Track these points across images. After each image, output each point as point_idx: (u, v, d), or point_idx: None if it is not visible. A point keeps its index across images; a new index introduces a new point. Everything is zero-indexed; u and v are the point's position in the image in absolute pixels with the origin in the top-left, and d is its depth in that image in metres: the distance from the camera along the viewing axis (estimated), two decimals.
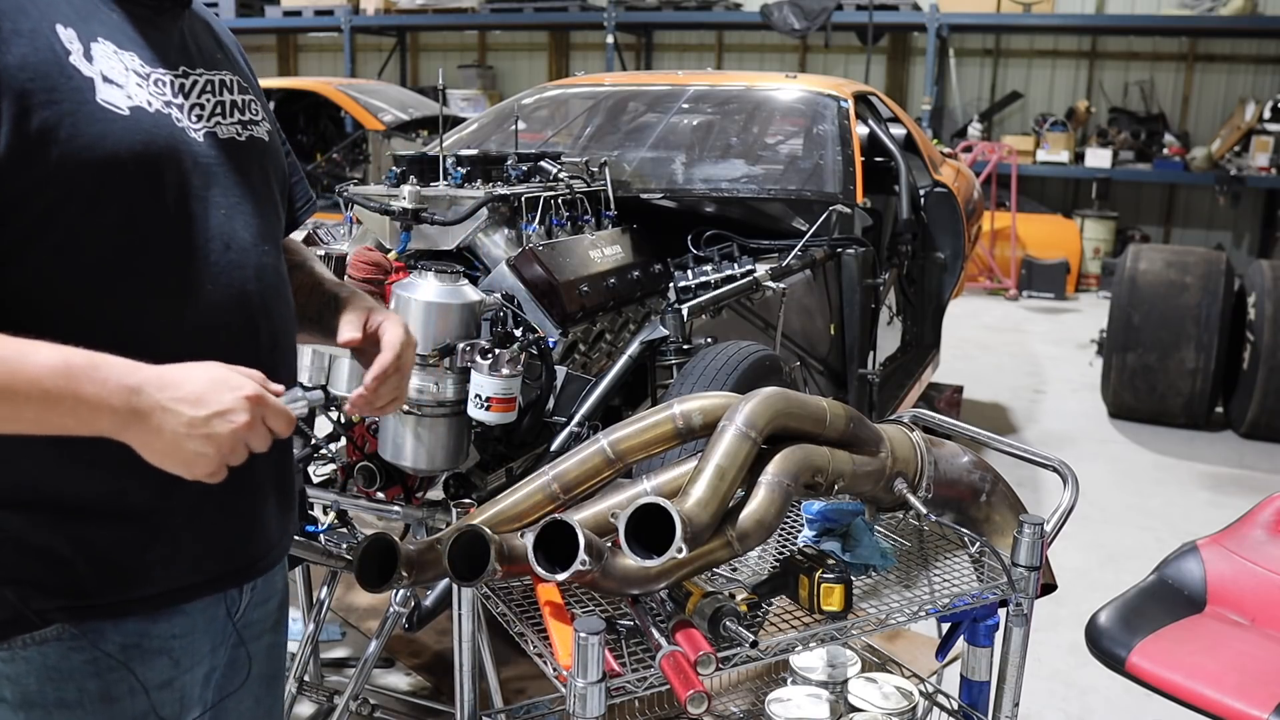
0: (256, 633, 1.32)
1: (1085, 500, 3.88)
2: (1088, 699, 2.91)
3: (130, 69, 1.08)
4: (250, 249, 1.17)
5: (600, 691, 1.23)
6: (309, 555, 2.13)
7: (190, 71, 1.17)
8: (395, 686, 2.82)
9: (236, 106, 1.22)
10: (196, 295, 1.11)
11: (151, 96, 1.09)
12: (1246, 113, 9.07)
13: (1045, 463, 1.92)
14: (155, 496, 1.10)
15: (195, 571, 1.16)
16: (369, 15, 11.21)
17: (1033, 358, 6.88)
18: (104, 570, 1.09)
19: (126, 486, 1.08)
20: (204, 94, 1.17)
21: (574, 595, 1.48)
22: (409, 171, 2.81)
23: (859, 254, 3.47)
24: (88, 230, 1.04)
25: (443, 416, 2.17)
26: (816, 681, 1.88)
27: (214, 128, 1.17)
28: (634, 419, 1.52)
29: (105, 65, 1.06)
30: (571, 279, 2.62)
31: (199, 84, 1.17)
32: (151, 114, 1.08)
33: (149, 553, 1.12)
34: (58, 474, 1.07)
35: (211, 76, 1.19)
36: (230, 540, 1.20)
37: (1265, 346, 4.92)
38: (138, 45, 1.11)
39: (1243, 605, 2.21)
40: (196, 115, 1.15)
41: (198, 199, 1.12)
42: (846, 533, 1.59)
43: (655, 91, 4.25)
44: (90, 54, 1.05)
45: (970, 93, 10.68)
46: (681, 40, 11.69)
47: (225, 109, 1.19)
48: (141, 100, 1.08)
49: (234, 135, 1.19)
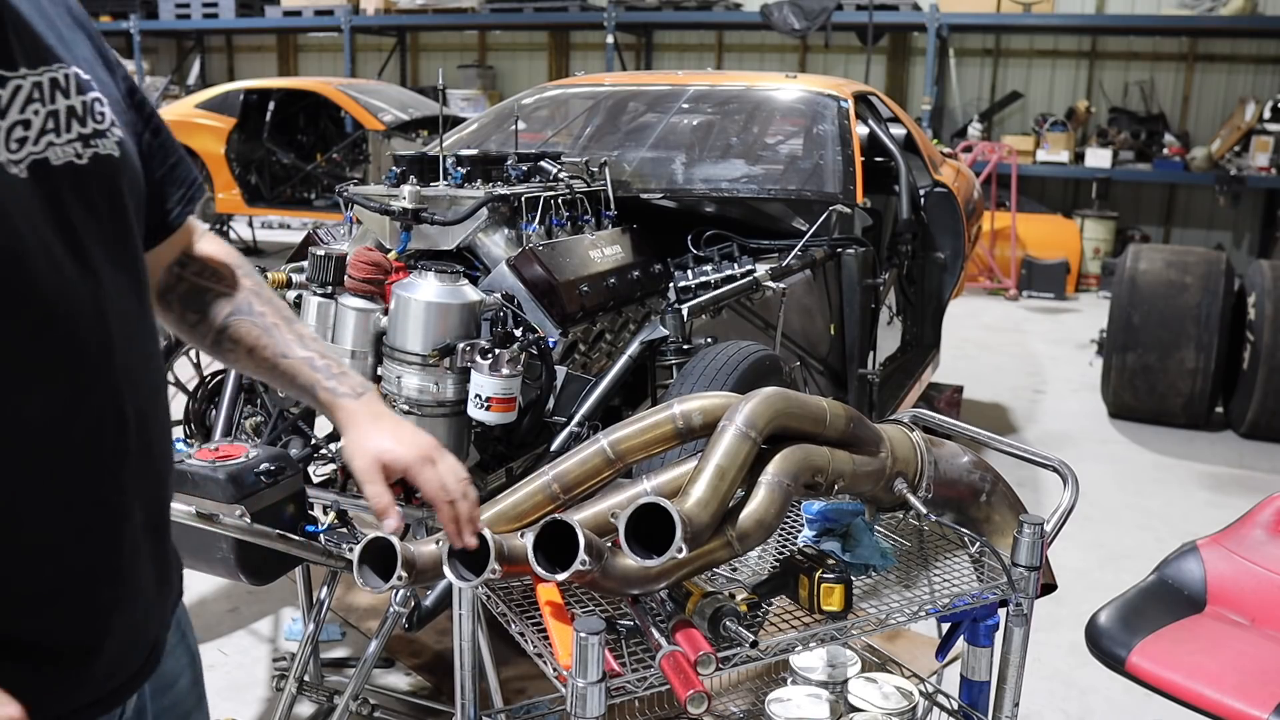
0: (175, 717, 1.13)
1: (1085, 500, 3.88)
2: (1088, 699, 2.91)
3: None
4: (108, 310, 0.93)
5: (600, 691, 1.23)
6: (309, 555, 2.13)
7: (8, 76, 0.89)
8: (395, 686, 2.82)
9: (75, 115, 0.94)
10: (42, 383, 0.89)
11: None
12: (1246, 113, 9.07)
13: (1045, 463, 1.92)
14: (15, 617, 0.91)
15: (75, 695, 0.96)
16: (369, 15, 11.21)
17: (1033, 358, 6.88)
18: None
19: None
20: (29, 105, 0.90)
21: (574, 595, 1.48)
22: (409, 171, 2.81)
23: (859, 254, 3.47)
24: None
25: (443, 416, 2.17)
26: (816, 681, 1.88)
27: (44, 153, 0.90)
28: (634, 419, 1.52)
29: None
30: (571, 279, 2.62)
31: (22, 92, 0.90)
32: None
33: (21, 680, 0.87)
34: None
35: (39, 77, 0.92)
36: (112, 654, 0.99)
37: (1265, 346, 4.92)
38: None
39: (1243, 605, 2.21)
40: (18, 141, 0.88)
41: (35, 258, 0.87)
42: (846, 533, 1.59)
43: (655, 91, 4.25)
44: None
45: (970, 93, 10.68)
46: (681, 40, 11.69)
47: (59, 121, 0.92)
48: None
49: (72, 159, 0.92)
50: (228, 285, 1.22)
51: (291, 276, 2.50)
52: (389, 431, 1.20)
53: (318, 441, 2.45)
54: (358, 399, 1.21)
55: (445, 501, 1.21)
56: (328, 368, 1.22)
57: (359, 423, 1.20)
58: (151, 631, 1.07)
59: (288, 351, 1.21)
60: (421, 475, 1.20)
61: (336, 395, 1.21)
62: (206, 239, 1.25)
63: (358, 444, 1.20)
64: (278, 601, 3.25)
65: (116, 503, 0.96)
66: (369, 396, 1.22)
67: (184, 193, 1.14)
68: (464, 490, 1.22)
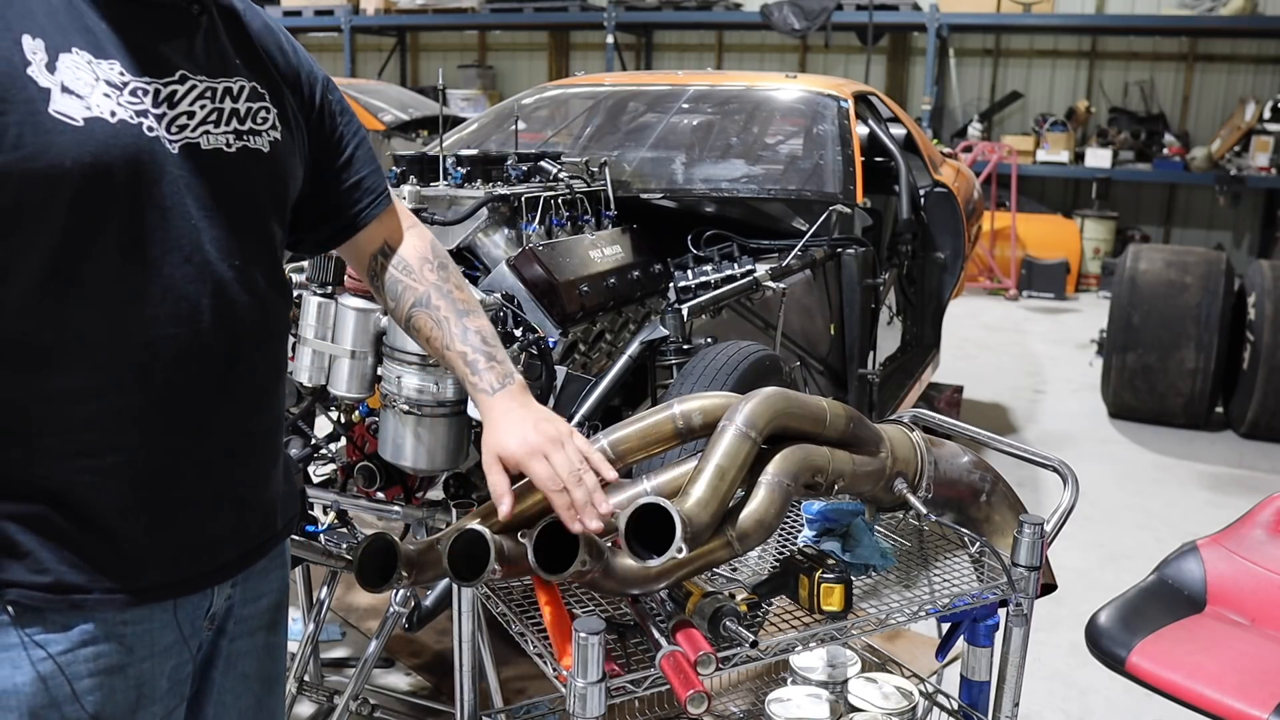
0: (247, 629, 1.31)
1: (1085, 500, 3.88)
2: (1088, 699, 2.91)
3: (103, 79, 1.07)
4: (215, 263, 1.15)
5: (600, 691, 1.23)
6: (309, 555, 2.13)
7: (189, 77, 1.14)
8: (395, 686, 2.83)
9: (237, 115, 1.19)
10: (142, 307, 1.10)
11: (120, 106, 1.08)
12: (1246, 113, 9.07)
13: (1045, 463, 1.92)
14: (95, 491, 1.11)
15: (138, 576, 1.15)
16: (369, 15, 11.21)
17: (1033, 358, 6.88)
18: (47, 557, 1.10)
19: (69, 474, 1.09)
20: (197, 102, 1.15)
21: (574, 595, 1.48)
22: (409, 171, 2.81)
23: (859, 254, 3.47)
24: (37, 238, 1.05)
25: (443, 416, 2.17)
26: (816, 681, 1.88)
27: (198, 138, 1.14)
28: (634, 419, 1.52)
29: (69, 76, 1.05)
30: (571, 279, 2.61)
31: (195, 91, 1.15)
32: (112, 124, 1.07)
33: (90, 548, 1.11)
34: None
35: (214, 84, 1.17)
36: (175, 550, 1.18)
37: (1265, 346, 4.92)
38: (124, 53, 1.09)
39: (1243, 605, 2.21)
40: (179, 125, 1.13)
41: (159, 210, 1.10)
42: (846, 533, 1.59)
43: (655, 91, 4.25)
44: (55, 64, 1.04)
45: (970, 93, 10.68)
46: (681, 40, 11.69)
47: (221, 117, 1.17)
48: (104, 111, 1.06)
49: (221, 146, 1.17)
50: (416, 279, 1.42)
51: (291, 276, 2.50)
52: (514, 426, 1.34)
53: (318, 441, 2.45)
54: (493, 395, 1.37)
55: (554, 491, 1.29)
56: (476, 363, 1.39)
57: (492, 417, 1.36)
58: (233, 546, 1.24)
59: (450, 345, 1.40)
60: (531, 469, 1.31)
61: (478, 390, 1.38)
62: (413, 233, 1.46)
63: (485, 437, 1.36)
64: None
65: (196, 420, 1.16)
66: (507, 390, 1.38)
67: (372, 199, 1.40)
68: (577, 477, 1.30)
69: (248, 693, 1.33)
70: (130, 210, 1.08)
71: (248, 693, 1.33)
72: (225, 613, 1.28)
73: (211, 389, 1.17)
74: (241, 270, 1.18)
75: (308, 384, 2.29)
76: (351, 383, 2.24)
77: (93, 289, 1.08)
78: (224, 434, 1.20)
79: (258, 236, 1.23)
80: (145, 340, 1.11)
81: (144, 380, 1.11)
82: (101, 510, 1.11)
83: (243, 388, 1.21)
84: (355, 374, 2.24)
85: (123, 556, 1.13)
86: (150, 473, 1.13)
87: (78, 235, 1.06)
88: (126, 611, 1.14)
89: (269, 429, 1.28)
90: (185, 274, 1.13)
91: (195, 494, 1.18)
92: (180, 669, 1.22)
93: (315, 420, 2.54)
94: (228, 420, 1.20)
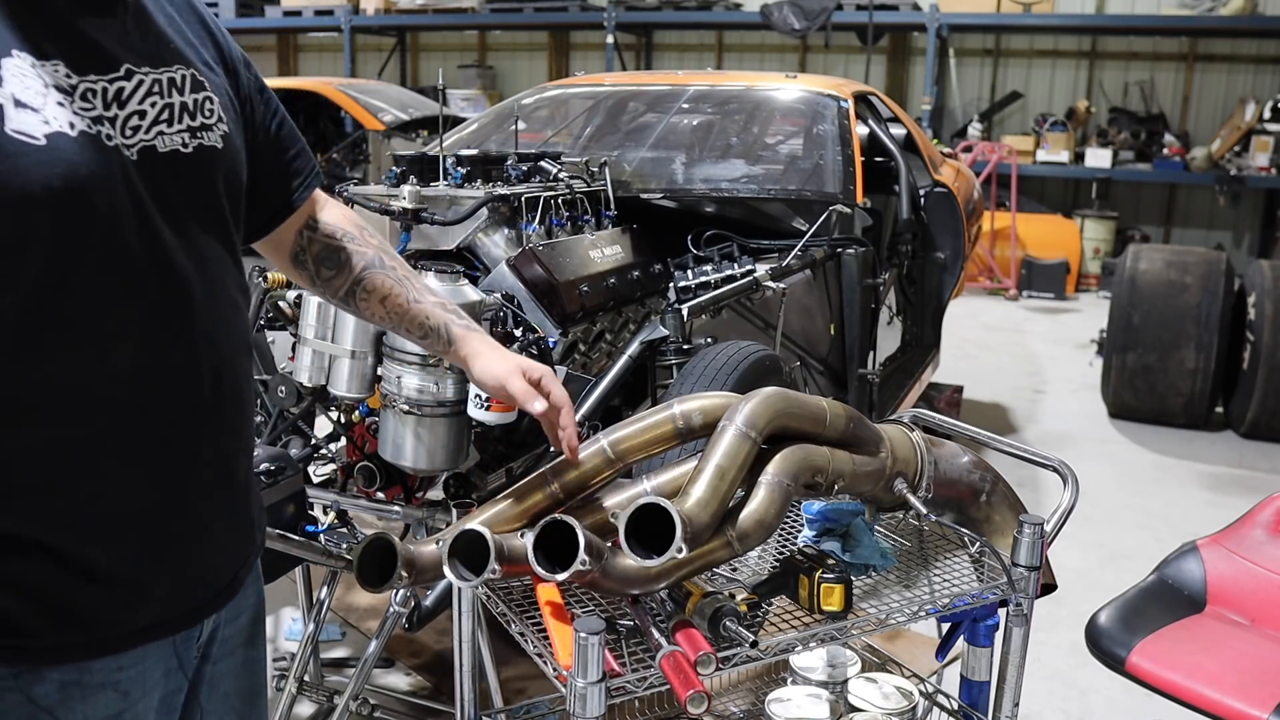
0: (228, 649, 1.26)
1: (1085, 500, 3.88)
2: (1088, 699, 2.91)
3: (52, 85, 0.96)
4: (192, 280, 1.06)
5: (600, 691, 1.23)
6: (309, 555, 2.13)
7: (135, 71, 1.04)
8: (395, 686, 2.82)
9: (186, 110, 1.09)
10: (129, 336, 1.02)
11: (76, 116, 0.97)
12: (1246, 113, 9.07)
13: (1045, 463, 1.92)
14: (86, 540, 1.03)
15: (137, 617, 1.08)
16: (369, 15, 11.21)
17: (1033, 358, 6.88)
18: (39, 612, 1.02)
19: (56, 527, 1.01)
20: (147, 98, 1.05)
21: (574, 595, 1.48)
22: (409, 171, 2.81)
23: (859, 254, 3.47)
24: (6, 276, 0.94)
25: (443, 416, 2.17)
26: (816, 681, 1.88)
27: (153, 140, 1.05)
28: (634, 419, 1.52)
29: (18, 86, 0.94)
30: (571, 279, 2.61)
31: (142, 86, 1.05)
32: (74, 139, 0.96)
33: (87, 598, 1.03)
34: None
35: (159, 75, 1.07)
36: (171, 585, 1.11)
37: (1265, 346, 4.92)
38: (65, 50, 0.99)
39: (1243, 605, 2.21)
40: (131, 128, 1.03)
41: (131, 229, 1.01)
42: (846, 533, 1.59)
43: (655, 91, 4.25)
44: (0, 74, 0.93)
45: (970, 93, 10.68)
46: (681, 40, 11.69)
47: (172, 114, 1.08)
48: (63, 123, 0.96)
49: (177, 147, 1.07)
50: (359, 244, 1.42)
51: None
52: (502, 353, 1.47)
53: (318, 441, 2.45)
54: (471, 331, 1.48)
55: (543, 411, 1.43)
56: (453, 312, 1.47)
57: (474, 346, 1.46)
58: (224, 571, 1.20)
59: (420, 298, 1.44)
60: (519, 388, 1.41)
61: (454, 326, 1.46)
62: (330, 206, 1.44)
63: (497, 361, 1.44)
64: (278, 601, 3.25)
65: (186, 449, 1.09)
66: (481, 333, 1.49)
67: (303, 179, 1.35)
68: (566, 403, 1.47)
69: (230, 711, 1.28)
70: (106, 232, 0.99)
71: (230, 711, 1.28)
72: (210, 637, 1.22)
73: (199, 417, 1.10)
74: (214, 283, 1.11)
75: (308, 384, 2.30)
76: (351, 383, 2.24)
77: (75, 324, 0.98)
78: (211, 459, 1.13)
79: (224, 244, 1.15)
80: (136, 368, 1.03)
81: (132, 419, 1.04)
82: (95, 557, 1.03)
83: (226, 407, 1.14)
84: (355, 374, 2.24)
85: (121, 602, 1.06)
86: (140, 510, 1.06)
87: (53, 267, 0.96)
88: (122, 656, 1.08)
89: (248, 443, 1.22)
90: (164, 297, 1.04)
91: (188, 527, 1.12)
92: (170, 699, 1.16)
93: (315, 420, 2.54)
94: (214, 445, 1.14)
